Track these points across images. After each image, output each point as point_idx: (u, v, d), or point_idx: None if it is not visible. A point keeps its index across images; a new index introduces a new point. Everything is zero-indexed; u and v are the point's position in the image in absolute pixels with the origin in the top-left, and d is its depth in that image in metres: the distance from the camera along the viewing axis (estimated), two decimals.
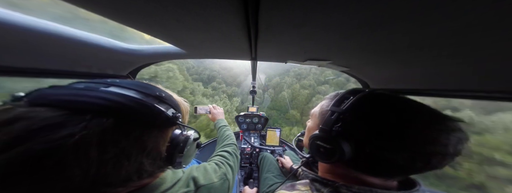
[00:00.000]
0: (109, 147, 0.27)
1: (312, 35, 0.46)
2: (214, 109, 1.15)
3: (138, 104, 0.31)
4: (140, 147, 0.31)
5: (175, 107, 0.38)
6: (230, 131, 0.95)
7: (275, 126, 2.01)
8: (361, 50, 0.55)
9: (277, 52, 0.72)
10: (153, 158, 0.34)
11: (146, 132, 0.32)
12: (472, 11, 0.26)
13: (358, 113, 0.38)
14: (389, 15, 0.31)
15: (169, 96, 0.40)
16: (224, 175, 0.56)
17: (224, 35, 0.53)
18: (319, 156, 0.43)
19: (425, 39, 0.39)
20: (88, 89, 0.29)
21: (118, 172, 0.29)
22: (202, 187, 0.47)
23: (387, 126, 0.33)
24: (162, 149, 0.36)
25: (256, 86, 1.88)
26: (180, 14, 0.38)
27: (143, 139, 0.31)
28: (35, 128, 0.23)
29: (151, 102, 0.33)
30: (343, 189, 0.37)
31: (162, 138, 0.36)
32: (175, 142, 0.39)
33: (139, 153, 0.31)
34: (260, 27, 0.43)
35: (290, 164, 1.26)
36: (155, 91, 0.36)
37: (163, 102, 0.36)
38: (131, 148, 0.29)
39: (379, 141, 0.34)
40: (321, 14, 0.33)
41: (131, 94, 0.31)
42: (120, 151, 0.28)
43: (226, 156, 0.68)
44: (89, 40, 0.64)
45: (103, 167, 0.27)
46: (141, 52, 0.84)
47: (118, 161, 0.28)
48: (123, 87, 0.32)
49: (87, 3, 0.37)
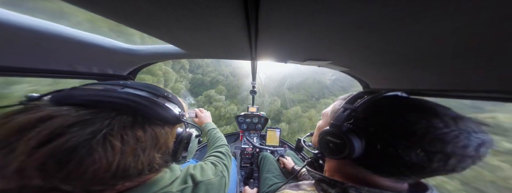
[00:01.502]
0: (130, 141, 0.31)
1: (312, 35, 0.46)
2: (200, 113, 1.13)
3: (151, 103, 0.35)
4: (153, 142, 0.34)
5: (180, 106, 0.43)
6: (220, 133, 0.95)
7: (275, 126, 2.01)
8: (361, 50, 0.55)
9: (277, 52, 0.72)
10: (163, 153, 0.38)
11: (159, 128, 0.35)
12: (472, 11, 0.26)
13: (372, 111, 0.37)
14: (389, 15, 0.31)
15: (174, 96, 0.44)
16: (220, 172, 0.57)
17: (224, 35, 0.53)
18: (328, 152, 0.42)
19: (425, 39, 0.39)
20: (107, 90, 0.34)
21: (136, 164, 0.32)
22: (200, 183, 0.48)
23: (401, 123, 0.32)
24: (170, 145, 0.40)
25: (255, 86, 1.88)
26: (180, 14, 0.38)
27: (157, 135, 0.35)
28: (70, 124, 0.27)
29: (162, 102, 0.37)
30: (352, 190, 0.36)
31: (171, 135, 0.40)
32: (181, 138, 0.43)
33: (152, 147, 0.34)
34: (260, 27, 0.43)
35: (291, 165, 1.26)
36: (163, 92, 0.41)
37: (171, 101, 0.41)
38: (147, 143, 0.33)
39: (392, 138, 0.32)
40: (321, 14, 0.33)
41: (144, 94, 0.36)
42: (138, 145, 0.32)
43: (220, 156, 0.69)
44: (89, 40, 0.64)
45: (124, 159, 0.30)
46: (141, 52, 0.84)
47: (136, 154, 0.32)
48: (136, 88, 0.36)
49: (87, 3, 0.37)
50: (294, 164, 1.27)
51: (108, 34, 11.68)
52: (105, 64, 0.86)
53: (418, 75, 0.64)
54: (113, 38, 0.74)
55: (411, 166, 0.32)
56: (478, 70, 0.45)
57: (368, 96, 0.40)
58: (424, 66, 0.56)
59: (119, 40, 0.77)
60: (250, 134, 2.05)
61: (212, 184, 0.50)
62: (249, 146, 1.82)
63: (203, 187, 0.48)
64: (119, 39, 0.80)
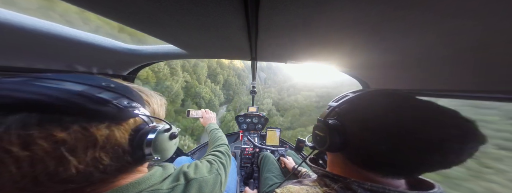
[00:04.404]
0: (40, 142, 0.25)
1: (312, 35, 0.46)
2: (206, 114, 1.19)
3: (71, 96, 0.28)
4: (87, 141, 0.29)
5: (131, 97, 0.36)
6: (221, 133, 0.97)
7: (275, 126, 2.01)
8: (361, 50, 0.55)
9: (277, 52, 0.72)
10: (113, 152, 0.32)
11: (91, 124, 0.29)
12: (472, 11, 0.26)
13: (350, 107, 0.41)
14: (389, 15, 0.31)
15: (123, 86, 0.37)
16: (216, 170, 0.56)
17: (224, 35, 0.53)
18: (316, 144, 0.48)
19: (425, 39, 0.39)
20: (6, 83, 0.27)
21: (66, 169, 0.27)
22: (192, 180, 0.47)
23: (370, 119, 0.35)
24: (123, 142, 0.34)
25: (255, 86, 1.88)
26: (180, 14, 0.38)
27: (89, 133, 0.29)
28: None
29: (91, 92, 0.30)
30: (354, 185, 0.36)
31: (119, 131, 0.33)
32: (141, 135, 0.36)
33: (89, 148, 0.29)
34: (260, 27, 0.43)
35: (292, 165, 1.25)
36: (100, 82, 0.34)
37: (112, 92, 0.34)
38: (75, 143, 0.28)
39: (361, 131, 0.35)
40: (321, 14, 0.33)
41: (63, 86, 0.29)
42: (58, 146, 0.26)
43: (218, 155, 0.68)
44: (89, 40, 0.64)
45: (40, 163, 0.26)
46: (141, 52, 0.84)
47: (61, 157, 0.27)
48: (56, 79, 0.30)
49: (87, 3, 0.37)
50: (295, 164, 1.27)
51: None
52: (105, 64, 0.86)
53: (418, 75, 0.64)
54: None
55: (383, 157, 0.34)
56: (478, 70, 0.45)
57: (352, 94, 0.43)
58: (424, 66, 0.56)
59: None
60: (250, 134, 2.05)
61: (205, 182, 0.49)
62: (249, 146, 1.82)
63: (196, 184, 0.47)
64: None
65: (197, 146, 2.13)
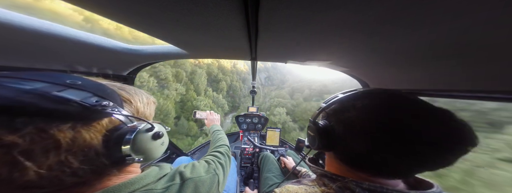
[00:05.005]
0: None
1: (312, 35, 0.46)
2: (210, 115, 1.23)
3: (19, 94, 0.25)
4: (46, 144, 0.26)
5: (103, 95, 0.33)
6: (223, 134, 0.97)
7: (275, 126, 2.01)
8: (361, 50, 0.55)
9: (277, 52, 0.72)
10: (84, 155, 0.30)
11: (51, 125, 0.26)
12: (472, 11, 0.26)
13: (337, 107, 0.42)
14: (389, 16, 0.31)
15: (94, 84, 0.34)
16: (213, 170, 0.55)
17: (224, 35, 0.53)
18: (309, 143, 0.50)
19: (425, 39, 0.39)
20: None
21: (23, 174, 0.25)
22: (188, 180, 0.46)
23: (352, 119, 0.35)
24: (95, 144, 0.31)
25: (255, 86, 1.88)
26: (180, 14, 0.38)
27: (48, 134, 0.26)
28: None
29: (47, 90, 0.27)
30: (352, 185, 0.36)
31: (89, 132, 0.30)
32: (117, 135, 0.34)
33: (50, 151, 0.27)
34: (260, 27, 0.43)
35: (292, 165, 1.25)
36: (64, 79, 0.31)
37: (77, 89, 0.31)
38: (30, 146, 0.25)
39: (346, 133, 0.36)
40: (321, 14, 0.33)
41: (12, 84, 0.26)
42: (8, 150, 0.24)
43: (217, 156, 0.68)
44: (89, 40, 0.64)
45: None
46: (141, 52, 0.84)
47: (15, 163, 0.25)
48: (9, 77, 0.28)
49: (87, 3, 0.37)
50: (295, 164, 1.27)
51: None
52: (105, 64, 0.86)
53: (418, 75, 0.64)
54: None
55: (365, 159, 0.35)
56: (478, 70, 0.45)
57: (342, 95, 0.43)
58: (424, 66, 0.56)
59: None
60: (250, 134, 2.06)
61: (202, 181, 0.49)
62: (249, 146, 1.82)
63: (192, 184, 0.46)
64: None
65: (197, 146, 2.13)
